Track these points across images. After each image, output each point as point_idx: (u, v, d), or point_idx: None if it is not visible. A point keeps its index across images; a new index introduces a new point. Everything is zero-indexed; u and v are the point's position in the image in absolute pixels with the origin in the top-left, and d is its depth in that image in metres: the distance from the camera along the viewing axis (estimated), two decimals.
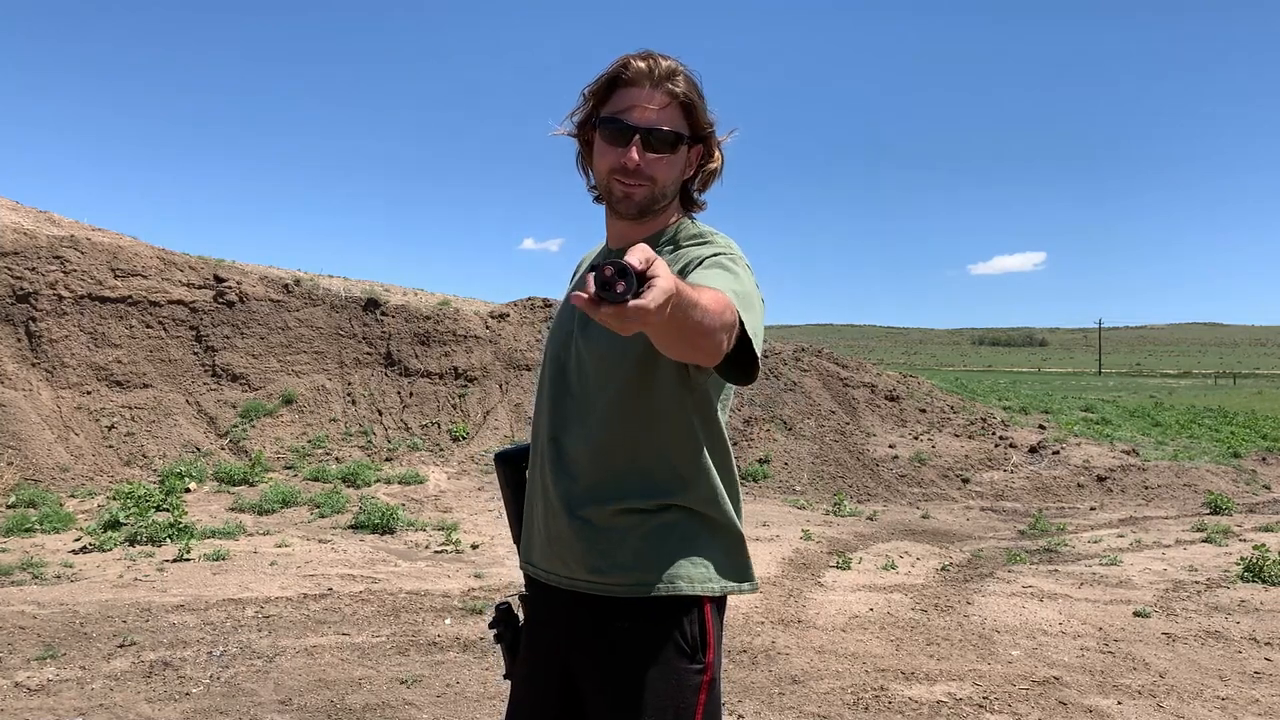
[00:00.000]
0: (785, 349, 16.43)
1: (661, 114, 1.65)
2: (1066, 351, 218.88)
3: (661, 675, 1.59)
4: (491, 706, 4.07)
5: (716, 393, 1.69)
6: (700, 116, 1.69)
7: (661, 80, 1.65)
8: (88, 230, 13.63)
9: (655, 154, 1.66)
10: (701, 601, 1.62)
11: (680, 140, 1.67)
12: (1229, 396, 41.06)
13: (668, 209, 1.74)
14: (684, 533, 1.63)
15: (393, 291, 15.25)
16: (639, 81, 1.65)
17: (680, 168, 1.71)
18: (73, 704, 3.99)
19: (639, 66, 1.65)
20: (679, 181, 1.73)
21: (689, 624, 1.61)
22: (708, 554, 1.64)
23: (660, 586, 1.60)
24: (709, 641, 1.63)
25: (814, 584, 6.56)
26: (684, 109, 1.67)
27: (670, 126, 1.66)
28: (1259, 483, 13.26)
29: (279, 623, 5.24)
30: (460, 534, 7.84)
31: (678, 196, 1.76)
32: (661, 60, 1.65)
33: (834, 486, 11.90)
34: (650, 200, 1.69)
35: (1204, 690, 4.48)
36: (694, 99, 1.67)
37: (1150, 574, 7.13)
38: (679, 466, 1.64)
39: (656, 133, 1.65)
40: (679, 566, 1.61)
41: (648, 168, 1.66)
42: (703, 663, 1.62)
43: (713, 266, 1.58)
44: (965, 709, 4.16)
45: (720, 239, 1.71)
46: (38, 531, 7.84)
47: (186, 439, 11.58)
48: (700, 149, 1.73)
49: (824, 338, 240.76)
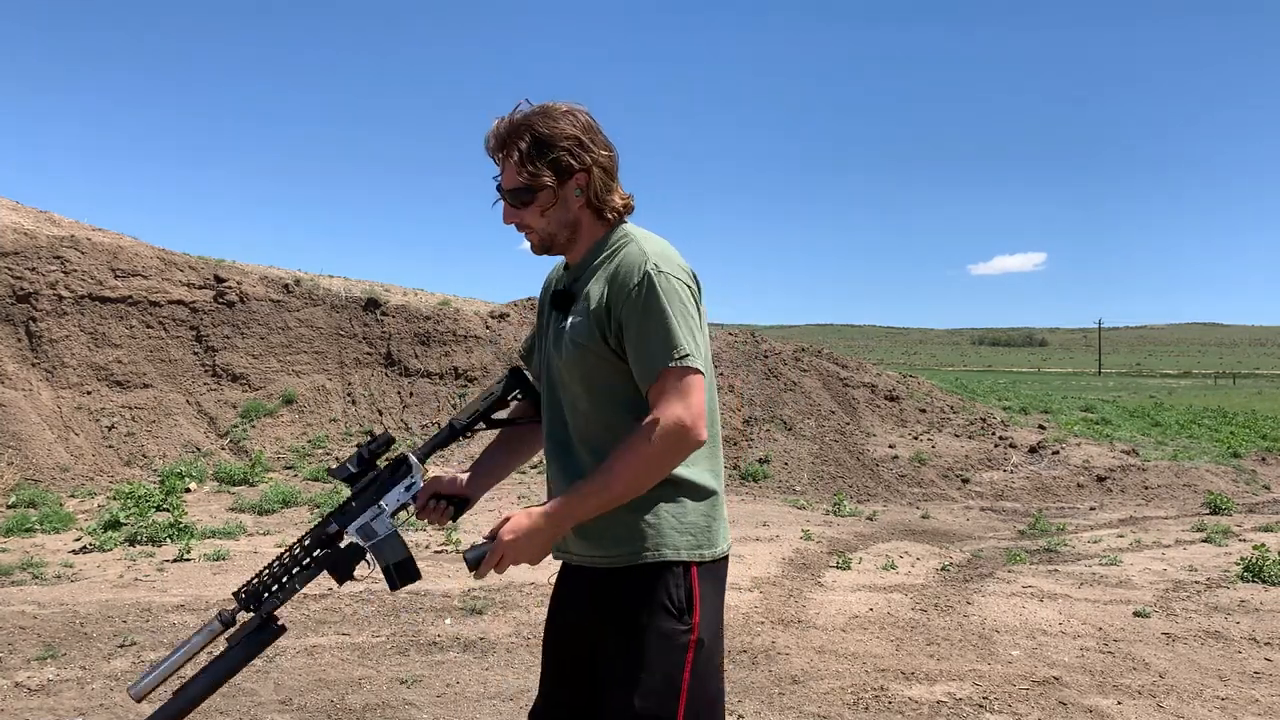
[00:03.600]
0: (785, 349, 16.43)
1: (508, 176, 1.87)
2: (1066, 351, 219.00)
3: (652, 636, 1.75)
4: (491, 707, 4.08)
5: None
6: (541, 165, 1.82)
7: (500, 148, 1.86)
8: (88, 230, 13.63)
9: (521, 209, 1.87)
10: (687, 565, 1.78)
11: (528, 192, 1.84)
12: (1229, 396, 41.07)
13: (578, 234, 1.90)
14: (663, 504, 1.79)
15: (393, 291, 15.25)
16: (493, 153, 1.89)
17: (548, 210, 1.86)
18: (73, 704, 3.99)
19: (487, 141, 1.88)
20: (564, 216, 1.87)
21: (675, 587, 1.77)
22: (688, 521, 1.80)
23: (646, 554, 1.77)
24: (694, 603, 1.78)
25: (814, 584, 6.56)
26: (523, 166, 1.83)
27: (516, 184, 1.85)
28: (1259, 483, 13.27)
29: None
30: (460, 534, 7.84)
31: (589, 216, 1.89)
32: (501, 125, 1.85)
33: (834, 486, 11.90)
34: (544, 243, 1.91)
35: (1204, 690, 4.49)
36: (532, 153, 1.82)
37: (1150, 574, 7.14)
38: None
39: (508, 193, 1.87)
40: (663, 535, 1.78)
41: (522, 219, 1.88)
42: (689, 623, 1.76)
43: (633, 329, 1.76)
44: (965, 709, 4.16)
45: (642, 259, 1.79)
46: (38, 531, 7.84)
47: (186, 439, 11.59)
48: (581, 176, 1.85)
49: (824, 338, 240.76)
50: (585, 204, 1.87)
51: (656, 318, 1.74)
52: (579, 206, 1.87)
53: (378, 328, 14.09)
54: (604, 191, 1.87)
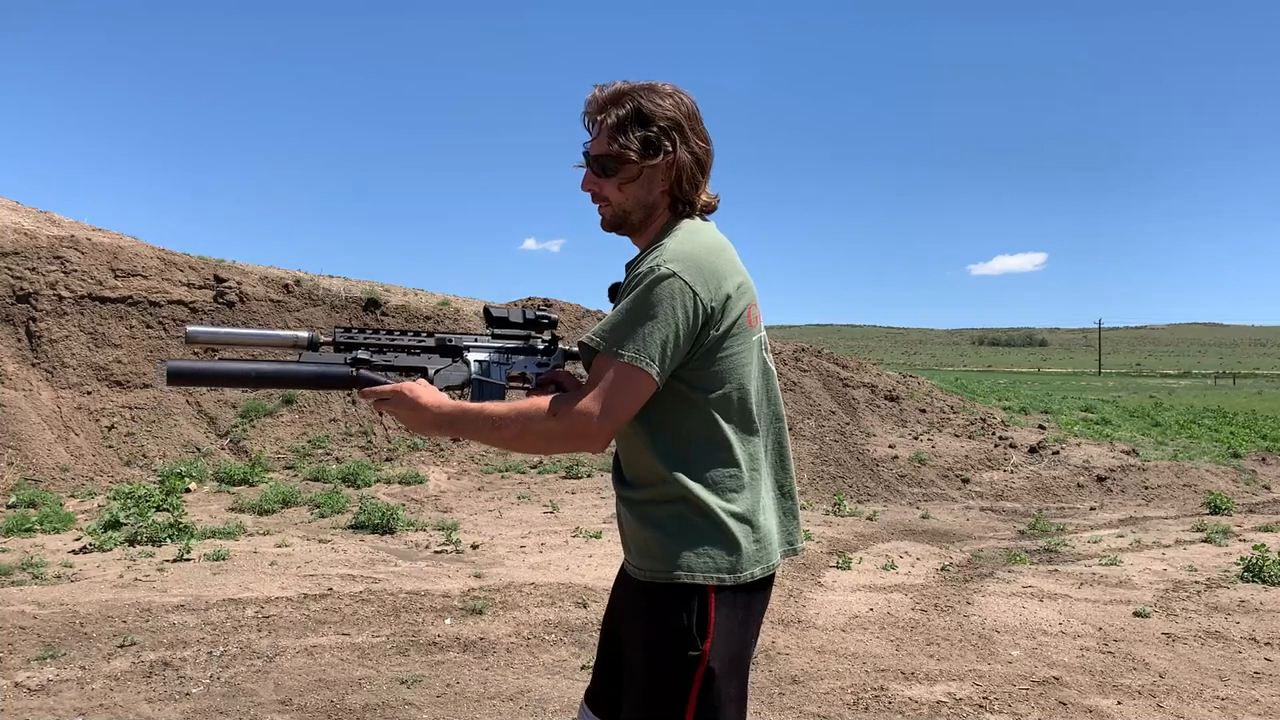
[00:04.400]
0: (785, 349, 16.43)
1: (598, 143, 1.83)
2: (1066, 351, 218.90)
3: (661, 656, 1.72)
4: (492, 707, 4.07)
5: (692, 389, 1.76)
6: (627, 138, 1.79)
7: (596, 112, 1.83)
8: (88, 230, 13.63)
9: (603, 178, 1.83)
10: (704, 590, 1.72)
11: (612, 161, 1.81)
12: (1229, 396, 41.07)
13: (652, 219, 1.86)
14: (687, 526, 1.73)
15: (393, 291, 15.24)
16: (588, 118, 1.86)
17: (626, 185, 1.82)
18: (73, 704, 3.99)
19: (588, 103, 1.85)
20: (643, 197, 1.83)
21: (688, 611, 1.71)
22: (710, 546, 1.73)
23: (664, 574, 1.73)
24: (708, 629, 1.71)
25: (814, 584, 6.56)
26: (612, 135, 1.80)
27: (603, 152, 1.81)
28: (1259, 483, 13.26)
29: (279, 623, 5.24)
30: (460, 534, 7.84)
31: (664, 205, 1.85)
32: (600, 92, 1.83)
33: (834, 486, 11.89)
34: (615, 219, 1.87)
35: (1204, 690, 4.49)
36: (623, 122, 1.79)
37: (1150, 574, 7.14)
38: (660, 453, 1.75)
39: (594, 160, 1.84)
40: (681, 557, 1.72)
41: (601, 190, 1.85)
42: (699, 649, 1.70)
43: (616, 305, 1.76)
44: (965, 709, 4.16)
45: (652, 259, 1.74)
46: (38, 531, 7.84)
47: (186, 439, 11.59)
48: (670, 159, 1.80)
49: (824, 338, 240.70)
50: (667, 190, 1.83)
51: (632, 305, 1.69)
52: (660, 191, 1.83)
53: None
54: (689, 183, 1.82)
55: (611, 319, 1.71)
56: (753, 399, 1.81)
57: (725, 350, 1.75)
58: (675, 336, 1.67)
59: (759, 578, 1.78)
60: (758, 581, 1.79)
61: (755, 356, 1.84)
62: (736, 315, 1.76)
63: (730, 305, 1.75)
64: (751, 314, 1.82)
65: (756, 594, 1.80)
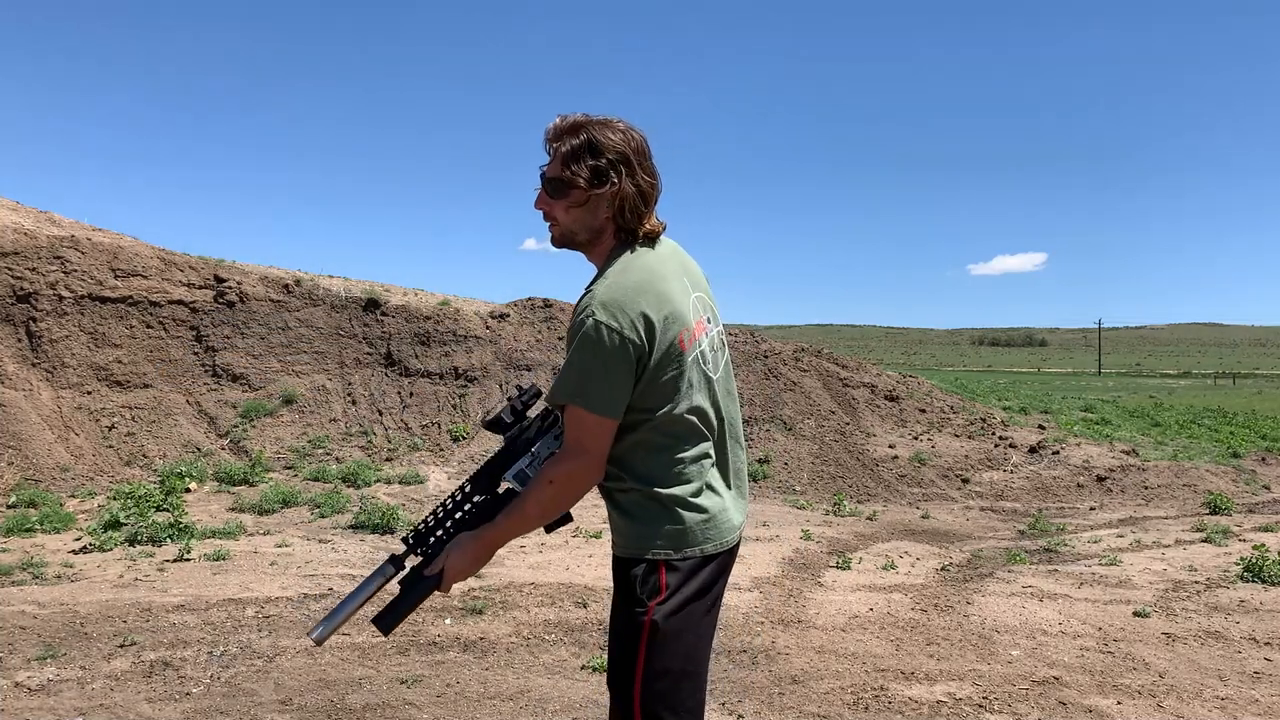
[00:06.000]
0: (785, 349, 16.43)
1: (551, 167, 2.01)
2: (1066, 351, 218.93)
3: (622, 617, 2.00)
4: (492, 706, 4.08)
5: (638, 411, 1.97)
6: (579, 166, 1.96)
7: (552, 141, 2.00)
8: (88, 230, 13.63)
9: (554, 199, 2.01)
10: (655, 563, 1.98)
11: (561, 185, 1.98)
12: (1229, 396, 41.06)
13: (598, 241, 2.04)
14: (643, 512, 2.00)
15: (393, 291, 15.24)
16: (546, 143, 2.03)
17: (573, 208, 2.00)
18: (73, 704, 3.99)
19: (546, 132, 2.02)
20: (589, 221, 2.01)
21: (644, 580, 1.98)
22: (662, 527, 1.99)
23: (628, 549, 2.01)
24: (660, 594, 1.97)
25: (814, 584, 6.56)
26: (563, 162, 1.98)
27: (555, 175, 1.99)
28: (1259, 483, 13.27)
29: (279, 623, 5.24)
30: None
31: (610, 231, 2.03)
32: (560, 122, 2.00)
33: (834, 486, 11.89)
34: (563, 238, 2.06)
35: (1204, 690, 4.49)
36: (576, 152, 1.96)
37: (1150, 574, 7.14)
38: (618, 457, 2.00)
39: (545, 181, 2.02)
40: (641, 537, 1.99)
41: (551, 210, 2.03)
42: (645, 607, 1.96)
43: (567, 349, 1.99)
44: (965, 709, 4.16)
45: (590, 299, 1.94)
46: (38, 531, 7.84)
47: (187, 439, 11.58)
48: (615, 189, 1.96)
49: (824, 338, 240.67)
50: (611, 218, 2.01)
51: (574, 357, 1.91)
52: (605, 217, 2.01)
53: (378, 328, 14.09)
54: (631, 213, 2.00)
55: (563, 376, 1.93)
56: (698, 408, 2.01)
57: (663, 375, 1.95)
58: (619, 377, 1.90)
59: (710, 553, 2.01)
60: (709, 555, 2.02)
61: (695, 374, 2.02)
62: (667, 345, 1.94)
63: (658, 337, 1.93)
64: (684, 338, 1.99)
65: (709, 564, 2.02)
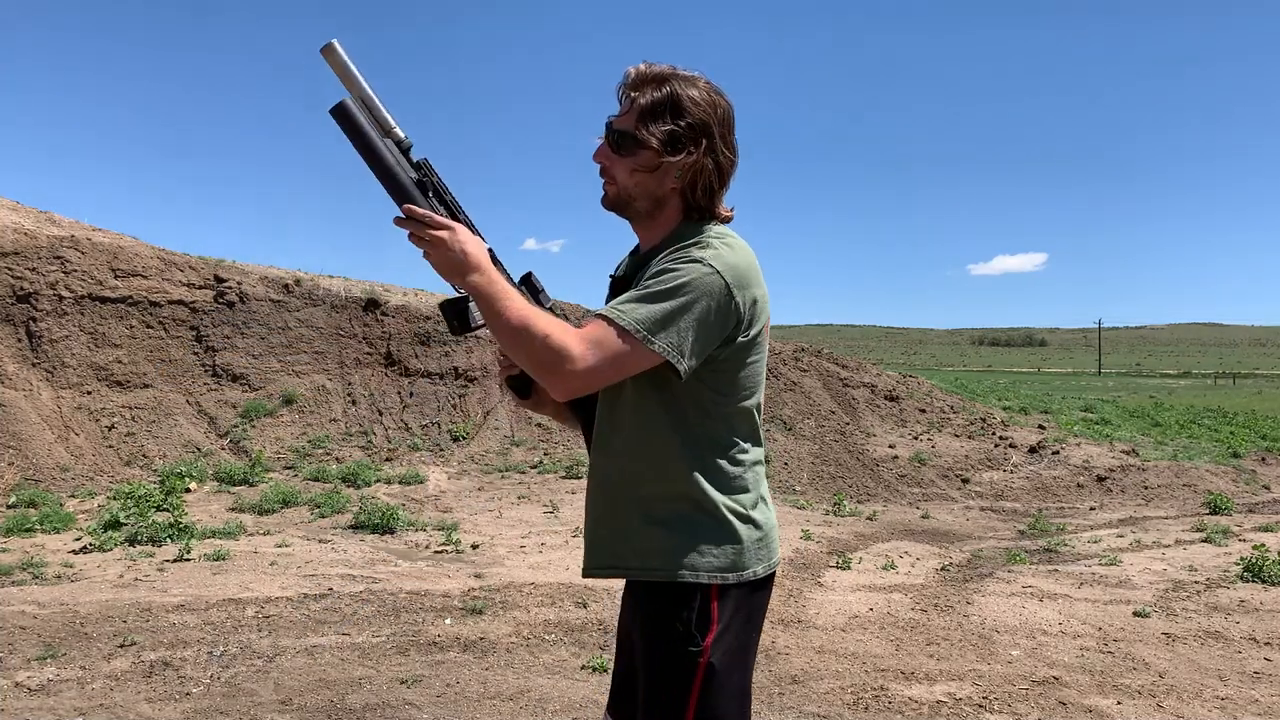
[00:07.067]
0: (785, 349, 16.43)
1: (625, 118, 1.73)
2: (1066, 351, 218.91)
3: (663, 656, 1.71)
4: (491, 706, 4.07)
5: (718, 395, 1.74)
6: (655, 125, 1.69)
7: (631, 87, 1.72)
8: (88, 230, 13.63)
9: (616, 154, 1.74)
10: (706, 588, 1.71)
11: (630, 141, 1.71)
12: (1229, 396, 41.06)
13: (658, 214, 1.78)
14: (690, 524, 1.72)
15: (393, 291, 15.24)
16: (623, 90, 1.74)
17: (636, 171, 1.72)
18: (73, 704, 3.99)
19: (626, 75, 1.74)
20: (652, 188, 1.74)
21: (690, 609, 1.70)
22: (713, 544, 1.72)
23: (666, 573, 1.71)
24: (710, 626, 1.70)
25: (814, 584, 6.56)
26: (638, 116, 1.70)
27: (626, 129, 1.71)
28: (1259, 483, 13.27)
29: (279, 623, 5.24)
30: (460, 534, 7.84)
31: (676, 206, 1.77)
32: (646, 69, 1.73)
33: (834, 486, 11.89)
34: (617, 200, 1.77)
35: (1204, 690, 4.49)
36: (657, 107, 1.69)
37: (1150, 574, 7.14)
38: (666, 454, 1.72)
39: (610, 133, 1.74)
40: (685, 556, 1.70)
41: (610, 166, 1.75)
42: (700, 645, 1.69)
43: (642, 284, 1.67)
44: (965, 709, 4.16)
45: (694, 253, 1.68)
46: (38, 531, 7.84)
47: (186, 439, 11.58)
48: (691, 160, 1.71)
49: (824, 338, 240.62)
50: (680, 190, 1.74)
51: (664, 286, 1.62)
52: (671, 188, 1.74)
53: (378, 328, 14.09)
54: (704, 190, 1.74)
55: (646, 303, 1.61)
56: (760, 405, 1.82)
57: (751, 358, 1.75)
58: (702, 328, 1.63)
59: (761, 576, 1.77)
60: (760, 580, 1.77)
61: (765, 370, 1.84)
62: (760, 327, 1.75)
63: (759, 318, 1.73)
64: (768, 328, 1.81)
65: (759, 592, 1.79)
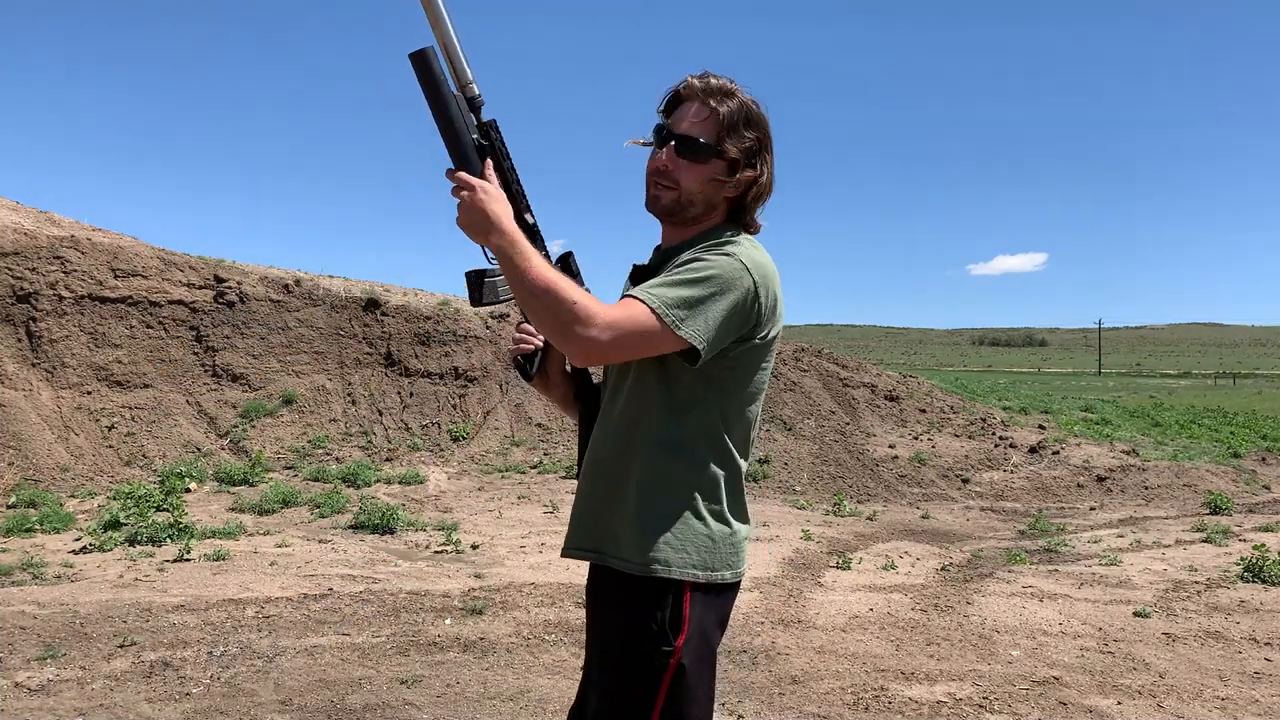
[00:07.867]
0: (785, 349, 16.43)
1: (696, 125, 1.76)
2: (1066, 352, 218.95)
3: (631, 651, 1.70)
4: (492, 707, 4.07)
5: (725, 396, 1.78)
6: (737, 137, 1.75)
7: (707, 96, 1.76)
8: (88, 230, 13.63)
9: (684, 160, 1.76)
10: (680, 585, 1.70)
11: (709, 151, 1.75)
12: (1229, 397, 41.06)
13: (705, 218, 1.82)
14: (674, 520, 1.72)
15: (393, 291, 15.24)
16: (690, 96, 1.78)
17: (709, 180, 1.77)
18: (73, 704, 3.99)
19: (692, 83, 1.78)
20: (712, 195, 1.79)
21: (664, 606, 1.70)
22: (693, 541, 1.72)
23: (640, 566, 1.70)
24: (682, 625, 1.70)
25: (814, 584, 6.56)
26: (721, 126, 1.75)
27: (702, 137, 1.75)
28: (1259, 483, 13.27)
29: (279, 623, 5.24)
30: (460, 534, 7.84)
31: (721, 211, 1.83)
32: (713, 79, 1.77)
33: (834, 486, 11.89)
34: (675, 205, 1.79)
35: (1204, 690, 4.49)
36: (735, 120, 1.75)
37: (1150, 574, 7.14)
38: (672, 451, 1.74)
39: (686, 140, 1.75)
40: (662, 551, 1.70)
41: (676, 171, 1.76)
42: (671, 645, 1.68)
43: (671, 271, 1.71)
44: (965, 709, 4.16)
45: (726, 249, 1.73)
46: (38, 531, 7.84)
47: (186, 439, 11.58)
48: (751, 173, 1.78)
49: (824, 338, 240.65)
50: (733, 199, 1.81)
51: (695, 275, 1.66)
52: (726, 197, 1.81)
53: (378, 328, 14.09)
54: (753, 200, 1.82)
55: (676, 288, 1.65)
56: (756, 423, 1.85)
57: (762, 363, 1.80)
58: (724, 317, 1.67)
59: (729, 581, 1.77)
60: (727, 585, 1.78)
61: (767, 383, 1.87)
62: (776, 332, 1.80)
63: (777, 322, 1.79)
64: (779, 338, 1.85)
65: (724, 596, 1.79)
